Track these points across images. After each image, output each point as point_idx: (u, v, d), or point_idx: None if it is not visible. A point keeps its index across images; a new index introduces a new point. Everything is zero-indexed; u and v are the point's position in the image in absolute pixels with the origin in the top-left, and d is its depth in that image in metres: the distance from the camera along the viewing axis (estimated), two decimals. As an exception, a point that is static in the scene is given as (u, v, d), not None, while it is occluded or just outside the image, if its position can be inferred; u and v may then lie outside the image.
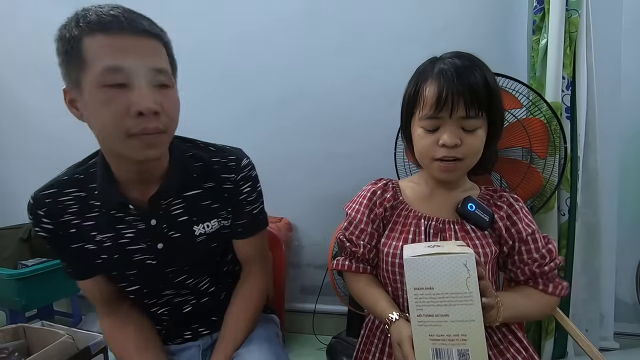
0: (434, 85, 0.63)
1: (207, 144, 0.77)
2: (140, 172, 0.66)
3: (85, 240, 0.68)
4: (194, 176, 0.72)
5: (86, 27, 0.55)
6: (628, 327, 1.42)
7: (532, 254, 0.67)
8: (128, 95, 0.56)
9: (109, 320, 0.75)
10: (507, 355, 0.66)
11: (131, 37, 0.56)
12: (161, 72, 0.59)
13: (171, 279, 0.73)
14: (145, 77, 0.57)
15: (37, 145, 1.77)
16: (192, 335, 0.81)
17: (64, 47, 0.57)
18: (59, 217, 0.66)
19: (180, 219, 0.71)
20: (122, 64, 0.55)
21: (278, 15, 1.51)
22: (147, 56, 0.58)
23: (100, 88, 0.55)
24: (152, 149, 0.60)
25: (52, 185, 0.68)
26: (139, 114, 0.56)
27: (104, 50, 0.55)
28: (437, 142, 0.64)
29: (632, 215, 1.40)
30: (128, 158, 0.61)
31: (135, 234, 0.68)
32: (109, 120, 0.56)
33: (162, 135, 0.60)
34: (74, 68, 0.56)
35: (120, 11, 0.57)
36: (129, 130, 0.57)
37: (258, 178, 0.79)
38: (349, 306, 1.39)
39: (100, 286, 0.72)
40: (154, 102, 0.57)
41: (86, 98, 0.57)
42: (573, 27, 1.16)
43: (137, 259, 0.70)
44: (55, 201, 0.66)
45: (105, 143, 0.63)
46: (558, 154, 1.11)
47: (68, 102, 0.61)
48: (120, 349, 0.73)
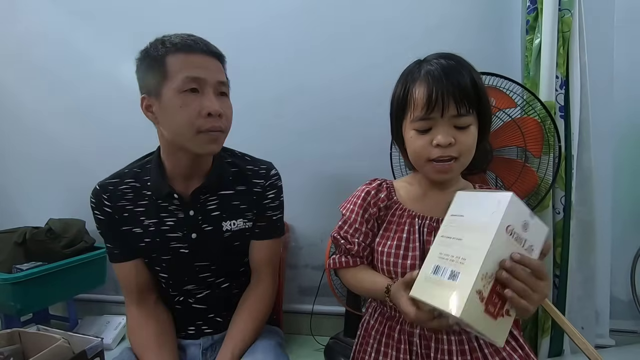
0: (423, 86, 0.64)
1: (243, 154, 0.91)
2: (192, 167, 0.79)
3: (134, 224, 0.80)
4: (229, 179, 0.84)
5: (172, 47, 0.71)
6: (623, 324, 1.43)
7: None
8: (200, 100, 0.71)
9: (137, 309, 0.82)
10: (502, 354, 0.66)
11: (204, 56, 0.73)
12: (223, 84, 0.76)
13: (197, 273, 0.83)
14: (212, 87, 0.73)
15: (33, 148, 1.75)
16: (195, 332, 0.86)
17: (149, 63, 0.72)
18: (117, 201, 0.80)
19: (213, 214, 0.82)
20: (198, 75, 0.71)
21: (276, 12, 1.51)
22: (214, 71, 0.74)
23: (179, 94, 0.70)
24: (214, 144, 0.75)
25: (115, 176, 0.82)
26: (208, 115, 0.71)
27: (185, 64, 0.71)
28: (431, 143, 0.64)
29: (626, 212, 1.41)
30: (192, 152, 0.75)
31: (175, 223, 0.80)
32: (184, 119, 0.71)
33: (222, 133, 0.76)
34: (156, 79, 0.71)
35: (196, 37, 0.74)
36: (200, 127, 0.71)
37: (282, 189, 0.90)
38: (346, 306, 1.39)
39: (137, 272, 0.82)
40: (219, 106, 0.73)
41: (165, 103, 0.71)
42: (566, 26, 1.17)
43: (173, 246, 0.81)
44: (116, 189, 0.80)
45: (175, 140, 0.75)
46: (552, 153, 1.12)
47: (145, 108, 0.75)
48: (139, 341, 0.79)
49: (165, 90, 0.70)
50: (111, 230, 0.81)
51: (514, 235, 0.54)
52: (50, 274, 1.38)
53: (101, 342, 0.97)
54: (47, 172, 1.76)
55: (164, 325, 0.82)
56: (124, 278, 0.82)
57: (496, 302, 0.52)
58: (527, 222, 0.55)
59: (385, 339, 0.72)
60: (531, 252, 0.55)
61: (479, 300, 0.51)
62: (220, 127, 0.74)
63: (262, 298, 0.84)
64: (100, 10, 1.60)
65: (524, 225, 0.55)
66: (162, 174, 0.80)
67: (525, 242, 0.55)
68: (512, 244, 0.54)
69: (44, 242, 1.48)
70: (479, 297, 0.51)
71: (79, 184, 1.68)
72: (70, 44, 1.62)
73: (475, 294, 0.51)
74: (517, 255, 0.52)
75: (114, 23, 1.59)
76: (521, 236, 0.55)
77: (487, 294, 0.52)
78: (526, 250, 0.55)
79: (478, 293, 0.51)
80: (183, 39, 0.72)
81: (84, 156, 1.70)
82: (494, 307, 0.52)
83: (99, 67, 1.60)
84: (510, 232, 0.54)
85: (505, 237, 0.54)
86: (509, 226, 0.54)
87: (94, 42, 1.61)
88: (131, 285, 0.82)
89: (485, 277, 0.52)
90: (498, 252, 0.53)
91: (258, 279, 0.86)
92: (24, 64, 1.69)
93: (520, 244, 0.55)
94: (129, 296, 0.83)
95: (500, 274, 0.51)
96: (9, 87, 1.73)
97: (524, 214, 0.56)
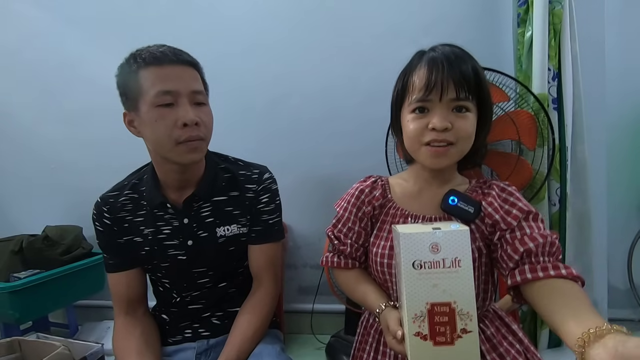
0: (423, 70, 0.63)
1: (236, 159, 0.91)
2: (182, 176, 0.80)
3: (135, 233, 0.82)
4: (222, 185, 0.85)
5: (142, 62, 0.71)
6: (621, 313, 1.44)
7: (533, 230, 0.62)
8: (175, 112, 0.71)
9: (125, 319, 0.83)
10: (500, 349, 0.66)
11: (175, 66, 0.72)
12: (199, 93, 0.75)
13: (195, 279, 0.84)
14: (187, 97, 0.72)
15: (26, 155, 1.74)
16: (192, 335, 0.86)
17: (125, 79, 0.73)
18: (117, 213, 0.82)
19: (207, 220, 0.83)
20: (170, 88, 0.70)
21: (268, 12, 1.50)
22: (187, 80, 0.73)
23: (154, 108, 0.70)
24: (195, 153, 0.75)
25: (115, 189, 0.84)
26: (184, 125, 0.71)
27: (157, 78, 0.70)
28: (427, 126, 0.63)
29: (622, 202, 1.42)
30: (176, 163, 0.75)
31: (171, 231, 0.82)
32: (162, 131, 0.71)
33: (202, 142, 0.76)
34: (133, 95, 0.72)
35: (166, 48, 0.73)
36: (178, 138, 0.72)
37: (278, 192, 0.90)
38: (346, 305, 1.39)
39: (129, 283, 0.83)
40: (195, 115, 0.72)
41: (143, 117, 0.72)
42: (557, 19, 1.17)
43: (171, 254, 0.82)
44: (116, 201, 0.82)
45: (158, 152, 0.76)
46: (546, 145, 1.12)
47: (127, 123, 0.77)
48: (122, 348, 0.79)
49: (141, 105, 0.71)
50: (108, 242, 0.83)
51: (424, 267, 0.53)
52: (48, 282, 1.37)
53: (102, 348, 0.97)
54: (43, 179, 1.74)
55: (149, 335, 0.82)
56: (115, 288, 0.84)
57: (443, 331, 0.52)
58: (435, 243, 0.53)
59: (384, 337, 0.72)
60: (459, 264, 0.53)
61: (421, 340, 0.52)
62: (199, 136, 0.74)
63: (261, 304, 0.84)
64: (92, 16, 1.58)
65: (433, 247, 0.53)
66: (156, 184, 0.81)
67: (443, 262, 0.53)
68: (427, 275, 0.53)
69: (41, 250, 1.47)
70: (420, 337, 0.52)
71: (75, 190, 1.68)
72: (64, 49, 1.60)
73: (415, 338, 0.52)
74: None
75: (107, 28, 1.58)
76: (435, 259, 0.53)
77: (429, 331, 0.52)
78: (450, 267, 0.53)
79: (417, 335, 0.52)
80: (152, 53, 0.71)
81: (79, 162, 1.68)
82: (444, 336, 0.52)
83: (94, 72, 1.57)
84: (418, 266, 0.53)
85: (417, 274, 0.53)
86: (414, 262, 0.53)
87: (88, 47, 1.59)
88: (122, 295, 0.83)
89: (418, 318, 0.53)
90: (418, 290, 0.53)
91: (258, 284, 0.86)
92: (16, 69, 1.67)
93: (440, 267, 0.53)
94: (119, 305, 0.84)
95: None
96: (3, 91, 1.71)
97: (425, 238, 0.53)
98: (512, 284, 0.59)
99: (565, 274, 0.56)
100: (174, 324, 0.87)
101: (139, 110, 0.72)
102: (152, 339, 0.82)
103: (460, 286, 0.53)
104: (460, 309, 0.53)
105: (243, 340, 0.78)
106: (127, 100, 0.74)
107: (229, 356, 0.75)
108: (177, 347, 0.85)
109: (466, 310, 0.53)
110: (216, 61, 1.52)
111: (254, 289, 0.87)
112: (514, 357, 0.65)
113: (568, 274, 0.56)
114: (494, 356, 0.65)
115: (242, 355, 0.77)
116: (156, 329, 0.86)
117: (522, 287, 0.59)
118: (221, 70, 1.57)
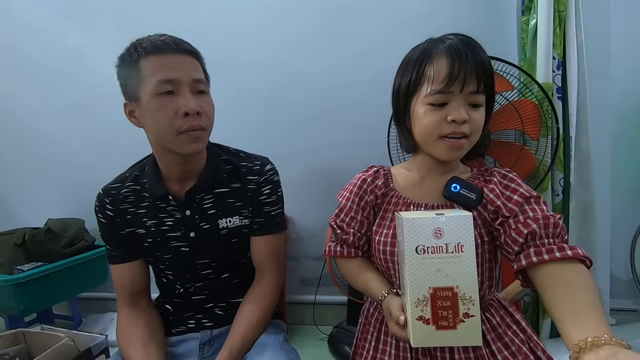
0: (445, 59, 0.61)
1: (238, 151, 0.90)
2: (184, 167, 0.79)
3: (137, 225, 0.82)
4: (224, 176, 0.84)
5: (142, 50, 0.70)
6: (623, 303, 1.44)
7: (536, 212, 0.61)
8: (176, 101, 0.70)
9: (128, 310, 0.83)
10: (505, 339, 0.66)
11: (176, 55, 0.72)
12: (200, 82, 0.74)
13: (198, 270, 0.85)
14: (188, 86, 0.72)
15: (28, 148, 1.74)
16: (195, 325, 0.86)
17: (125, 69, 0.72)
18: (119, 205, 0.81)
19: (209, 212, 0.82)
20: (171, 76, 0.70)
21: (266, 3, 1.49)
22: (188, 70, 0.73)
23: (155, 97, 0.70)
24: (196, 143, 0.74)
25: (117, 181, 0.84)
26: (185, 114, 0.70)
27: (157, 67, 0.70)
28: (445, 119, 0.62)
29: (625, 192, 1.41)
30: (177, 153, 0.74)
31: (174, 222, 0.82)
32: (163, 121, 0.70)
33: (203, 132, 0.74)
34: (134, 84, 0.71)
35: (167, 37, 0.73)
36: (179, 128, 0.71)
37: (280, 184, 0.89)
38: (348, 295, 1.40)
39: (132, 274, 0.83)
40: (196, 105, 0.71)
41: (144, 107, 0.71)
42: (562, 6, 1.15)
43: (174, 245, 0.82)
44: (118, 193, 0.82)
45: (159, 142, 0.75)
46: (550, 135, 1.11)
47: (128, 113, 0.76)
48: (126, 338, 0.79)
49: (142, 95, 0.71)
50: (111, 233, 0.83)
51: (427, 252, 0.54)
52: (51, 274, 1.38)
53: (106, 339, 0.98)
54: (44, 172, 1.74)
55: (153, 325, 0.82)
56: (118, 279, 0.84)
57: (445, 315, 0.53)
58: (438, 229, 0.54)
59: (385, 327, 0.72)
60: (462, 249, 0.53)
61: (424, 324, 0.53)
62: (201, 125, 0.73)
63: (264, 295, 0.84)
64: (93, 7, 1.57)
65: (436, 232, 0.54)
66: (158, 176, 0.81)
67: (447, 247, 0.54)
68: (430, 260, 0.54)
69: (43, 243, 1.47)
70: (423, 322, 0.53)
71: (77, 182, 1.68)
72: (64, 43, 1.59)
73: (417, 322, 0.53)
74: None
75: (106, 20, 1.56)
76: (438, 244, 0.54)
77: (431, 315, 0.53)
78: (453, 252, 0.54)
79: (420, 319, 0.53)
80: (153, 42, 0.71)
81: (82, 155, 1.68)
82: (446, 320, 0.53)
83: (96, 64, 1.55)
84: (421, 251, 0.54)
85: (420, 259, 0.54)
86: (418, 247, 0.54)
87: (88, 40, 1.58)
88: (125, 286, 0.83)
89: (420, 302, 0.53)
90: (421, 275, 0.54)
91: (261, 275, 0.87)
92: (18, 61, 1.66)
93: (442, 252, 0.54)
94: (122, 297, 0.84)
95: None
96: (4, 85, 1.70)
97: (428, 224, 0.54)
98: (518, 268, 0.59)
99: (571, 254, 0.54)
100: (178, 315, 0.87)
101: (139, 100, 0.71)
102: (156, 330, 0.82)
103: (463, 271, 0.54)
104: (463, 293, 0.53)
105: (246, 330, 0.78)
106: (127, 90, 0.74)
107: (233, 346, 0.75)
108: (181, 337, 0.86)
109: (468, 295, 0.53)
110: (217, 52, 1.52)
111: (256, 280, 0.87)
112: (518, 346, 0.65)
113: (574, 255, 0.54)
114: (499, 345, 0.65)
115: (245, 345, 0.77)
116: (160, 319, 0.86)
117: (529, 271, 0.58)
118: (222, 61, 1.56)
